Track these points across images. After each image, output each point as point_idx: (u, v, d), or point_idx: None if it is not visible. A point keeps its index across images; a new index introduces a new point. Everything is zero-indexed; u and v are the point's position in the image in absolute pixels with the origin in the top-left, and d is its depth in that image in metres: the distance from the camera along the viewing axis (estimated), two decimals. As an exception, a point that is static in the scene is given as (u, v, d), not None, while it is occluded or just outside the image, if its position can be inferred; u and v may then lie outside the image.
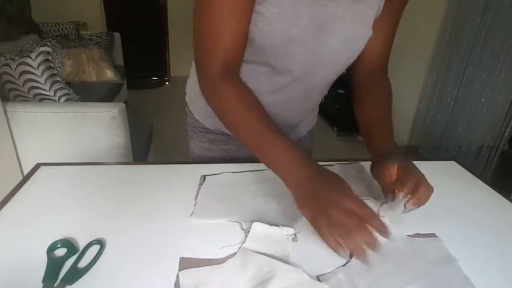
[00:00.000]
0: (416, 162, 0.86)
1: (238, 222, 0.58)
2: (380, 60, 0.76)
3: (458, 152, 2.35)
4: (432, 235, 0.58)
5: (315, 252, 0.52)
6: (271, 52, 0.65)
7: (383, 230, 0.47)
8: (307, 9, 0.60)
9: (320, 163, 0.78)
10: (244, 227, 0.56)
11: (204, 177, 0.71)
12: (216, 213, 0.60)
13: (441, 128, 2.47)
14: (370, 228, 0.47)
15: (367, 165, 0.79)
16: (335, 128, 3.24)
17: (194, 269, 0.48)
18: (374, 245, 0.46)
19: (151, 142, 2.12)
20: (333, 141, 3.14)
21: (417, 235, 0.57)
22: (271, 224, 0.56)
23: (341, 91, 2.84)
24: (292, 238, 0.54)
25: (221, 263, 0.49)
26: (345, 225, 0.46)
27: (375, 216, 0.48)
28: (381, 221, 0.48)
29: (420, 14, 2.60)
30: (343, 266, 0.49)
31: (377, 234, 0.47)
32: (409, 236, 0.57)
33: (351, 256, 0.49)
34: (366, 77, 0.76)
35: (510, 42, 1.97)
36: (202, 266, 0.48)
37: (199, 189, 0.67)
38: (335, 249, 0.48)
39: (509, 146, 2.12)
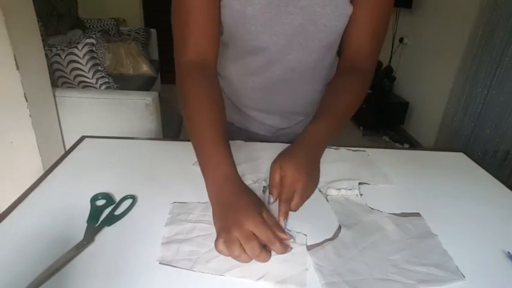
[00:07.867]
0: (423, 152, 0.88)
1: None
2: (361, 48, 0.70)
3: (484, 155, 2.30)
4: (417, 214, 0.61)
5: (304, 225, 0.57)
6: (236, 32, 0.67)
7: (283, 250, 0.48)
8: None
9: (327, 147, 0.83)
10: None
11: None
12: None
13: (468, 130, 2.42)
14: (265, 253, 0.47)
15: (374, 153, 0.84)
16: (361, 127, 3.25)
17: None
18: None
19: (179, 135, 2.24)
20: (358, 140, 3.14)
21: (403, 214, 0.61)
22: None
23: (368, 91, 2.83)
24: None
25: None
26: (239, 248, 0.46)
27: (273, 240, 0.47)
28: (279, 244, 0.47)
29: (453, 14, 2.55)
30: (330, 240, 0.53)
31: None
32: (394, 214, 0.61)
33: None
34: (345, 65, 0.73)
35: (545, 44, 1.91)
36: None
37: None
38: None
39: (540, 151, 2.05)
